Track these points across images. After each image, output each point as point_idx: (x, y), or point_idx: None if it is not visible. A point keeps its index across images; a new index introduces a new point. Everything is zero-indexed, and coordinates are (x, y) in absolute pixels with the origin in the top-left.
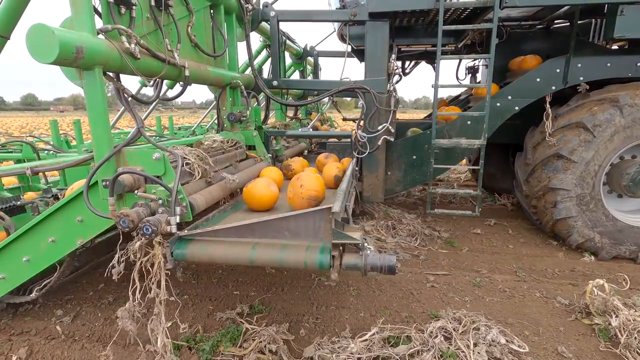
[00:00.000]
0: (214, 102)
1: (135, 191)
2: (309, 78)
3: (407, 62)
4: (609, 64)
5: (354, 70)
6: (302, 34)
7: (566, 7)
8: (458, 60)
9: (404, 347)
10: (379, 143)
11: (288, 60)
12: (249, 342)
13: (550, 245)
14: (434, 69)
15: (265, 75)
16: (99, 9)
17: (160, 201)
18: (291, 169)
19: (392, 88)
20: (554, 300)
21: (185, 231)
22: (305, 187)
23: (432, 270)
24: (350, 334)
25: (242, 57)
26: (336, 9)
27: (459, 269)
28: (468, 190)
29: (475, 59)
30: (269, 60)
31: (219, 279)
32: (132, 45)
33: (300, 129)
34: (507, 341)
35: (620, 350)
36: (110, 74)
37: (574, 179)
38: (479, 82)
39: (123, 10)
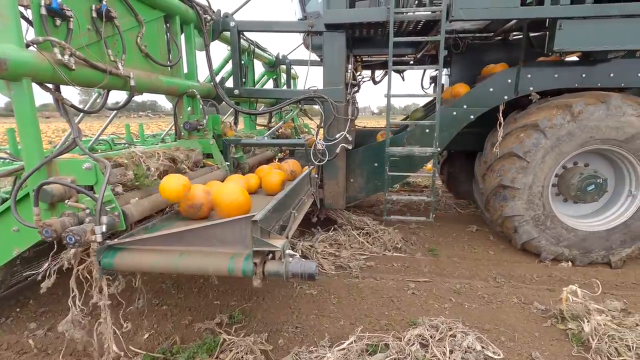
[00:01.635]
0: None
1: (66, 201)
2: (284, 87)
3: (377, 71)
4: (556, 75)
5: None
6: (280, 42)
7: (514, 21)
8: (423, 70)
9: (380, 356)
10: (337, 151)
11: (261, 68)
12: (225, 352)
13: (530, 251)
14: (402, 78)
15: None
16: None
17: (88, 210)
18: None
19: (350, 97)
20: (530, 306)
21: (116, 240)
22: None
23: (413, 277)
24: (329, 343)
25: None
26: (298, 19)
27: (440, 275)
28: (422, 197)
29: (436, 69)
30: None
31: (199, 288)
32: (66, 57)
33: (256, 138)
34: (482, 348)
35: (591, 356)
36: (50, 85)
37: (523, 204)
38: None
39: (58, 22)
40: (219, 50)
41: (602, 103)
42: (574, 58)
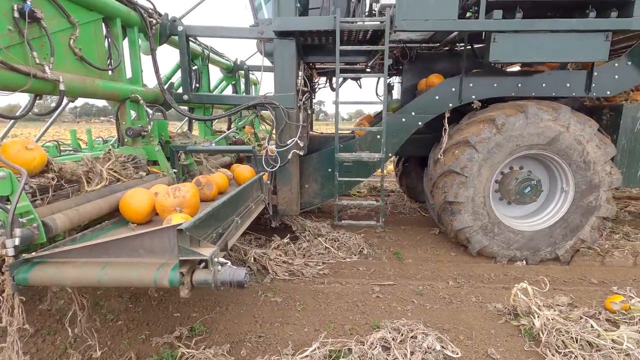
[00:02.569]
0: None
1: None
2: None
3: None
4: (495, 84)
5: None
6: (242, 48)
7: (455, 32)
8: (377, 78)
9: None
10: (289, 157)
11: (219, 74)
12: None
13: None
14: (359, 86)
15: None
16: None
17: (1, 223)
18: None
19: (302, 104)
20: (488, 305)
21: (34, 253)
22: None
23: (378, 280)
24: (293, 350)
25: (165, 69)
26: (250, 26)
27: (404, 278)
28: (371, 201)
29: (380, 77)
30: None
31: (159, 301)
32: None
33: (202, 144)
34: (442, 347)
35: (541, 349)
36: None
37: (469, 216)
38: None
39: None
40: (174, 55)
41: (521, 113)
42: (517, 68)
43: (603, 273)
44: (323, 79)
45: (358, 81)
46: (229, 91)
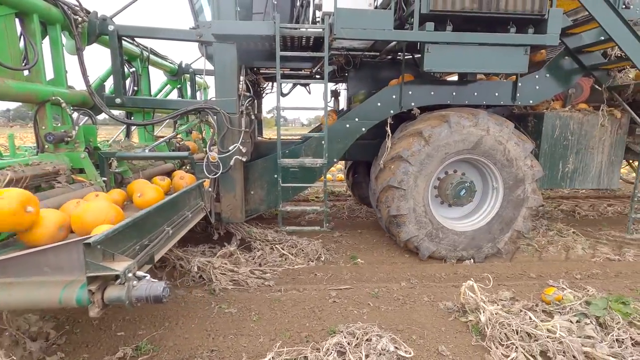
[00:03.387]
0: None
1: None
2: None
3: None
4: (432, 93)
5: None
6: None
7: (394, 42)
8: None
9: None
10: (232, 163)
11: (163, 77)
12: None
13: None
14: (309, 92)
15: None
16: None
17: None
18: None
19: (244, 109)
20: (439, 303)
21: None
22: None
23: (335, 285)
24: None
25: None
26: (190, 28)
27: (361, 281)
28: (315, 207)
29: (336, 85)
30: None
31: (100, 320)
32: None
33: (138, 150)
34: (395, 348)
35: (486, 343)
36: None
37: (414, 226)
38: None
39: None
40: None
41: (445, 122)
42: (455, 78)
43: (540, 267)
44: (273, 85)
45: (307, 87)
46: (174, 95)
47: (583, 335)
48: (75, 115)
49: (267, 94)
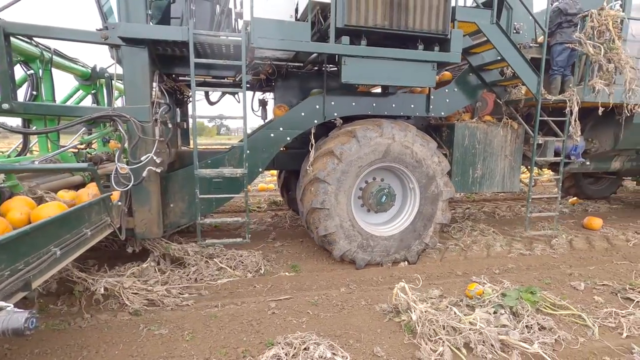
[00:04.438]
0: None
1: None
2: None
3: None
4: (354, 103)
5: None
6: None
7: (315, 54)
8: (252, 93)
9: None
10: (144, 175)
11: (73, 81)
12: None
13: None
14: (238, 100)
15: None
16: None
17: None
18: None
19: (159, 117)
20: (375, 306)
21: None
22: None
23: (275, 296)
24: None
25: None
26: (96, 29)
27: (301, 290)
28: (236, 218)
29: (264, 94)
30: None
31: (3, 355)
32: None
33: (20, 163)
34: (333, 354)
35: (417, 340)
36: None
37: (344, 240)
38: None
39: None
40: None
41: (353, 138)
42: (379, 89)
43: (465, 265)
44: (201, 93)
45: (235, 95)
46: (88, 101)
47: (499, 325)
48: None
49: (190, 101)
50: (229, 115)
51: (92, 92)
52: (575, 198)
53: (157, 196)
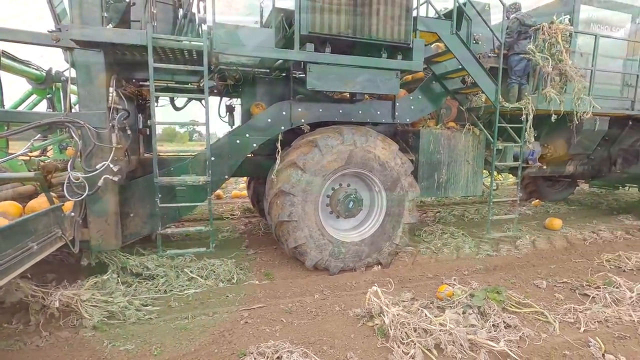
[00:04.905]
0: None
1: None
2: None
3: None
4: (321, 110)
5: None
6: None
7: (280, 60)
8: (220, 98)
9: None
10: (100, 183)
11: (25, 84)
12: None
13: None
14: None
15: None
16: None
17: None
18: None
19: (117, 123)
20: (349, 311)
21: None
22: None
23: (248, 305)
24: None
25: None
26: (48, 31)
27: (275, 297)
28: (199, 227)
29: (230, 100)
30: None
31: None
32: None
33: None
34: None
35: (390, 344)
36: None
37: (315, 249)
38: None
39: None
40: None
41: (315, 147)
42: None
43: (436, 268)
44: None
45: (202, 101)
46: (43, 106)
47: (468, 325)
48: None
49: (156, 107)
50: (201, 121)
51: (48, 96)
52: (537, 200)
53: (115, 206)
